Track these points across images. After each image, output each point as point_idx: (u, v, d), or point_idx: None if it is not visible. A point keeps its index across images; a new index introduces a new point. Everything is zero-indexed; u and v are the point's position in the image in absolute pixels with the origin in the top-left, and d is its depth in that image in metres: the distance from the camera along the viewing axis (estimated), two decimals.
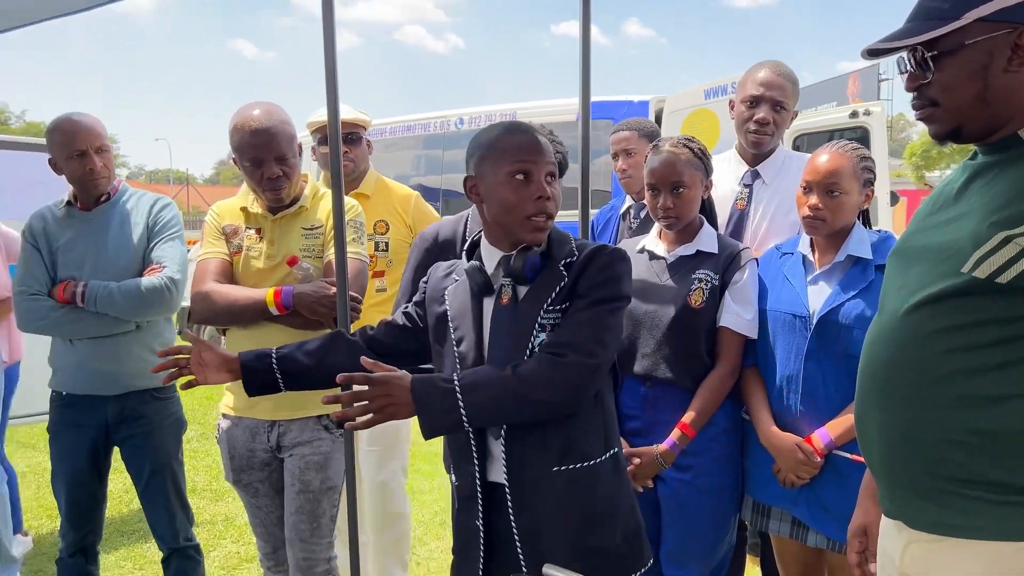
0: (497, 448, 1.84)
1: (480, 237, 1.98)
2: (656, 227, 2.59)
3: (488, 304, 1.91)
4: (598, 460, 1.86)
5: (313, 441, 2.62)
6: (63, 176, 2.98)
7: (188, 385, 2.14)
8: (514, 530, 1.83)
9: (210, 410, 4.11)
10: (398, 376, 1.70)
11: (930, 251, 1.42)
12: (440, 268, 2.08)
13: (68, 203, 3.01)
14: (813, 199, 2.33)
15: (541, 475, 1.82)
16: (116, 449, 3.07)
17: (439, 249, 2.66)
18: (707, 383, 2.44)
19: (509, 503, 1.83)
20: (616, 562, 1.58)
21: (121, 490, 3.15)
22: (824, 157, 2.35)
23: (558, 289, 1.82)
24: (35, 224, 3.00)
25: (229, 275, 2.68)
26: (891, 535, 1.52)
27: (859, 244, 2.33)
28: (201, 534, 3.18)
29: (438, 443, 1.87)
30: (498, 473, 1.85)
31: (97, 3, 3.34)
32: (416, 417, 1.71)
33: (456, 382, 1.69)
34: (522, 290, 1.87)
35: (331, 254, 2.58)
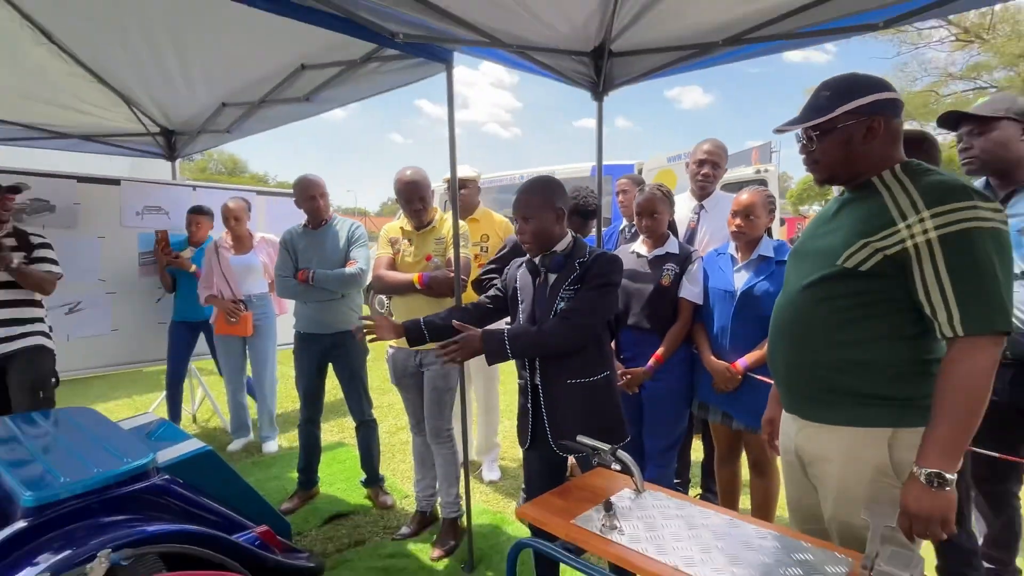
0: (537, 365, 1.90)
1: None
2: (641, 237, 2.54)
3: (536, 280, 1.94)
4: (595, 378, 1.88)
5: (438, 362, 2.62)
6: (301, 210, 3.03)
7: (372, 340, 2.17)
8: (544, 415, 1.89)
9: (379, 344, 4.14)
10: (475, 331, 1.83)
11: (815, 251, 1.39)
12: (515, 263, 2.08)
13: (304, 225, 3.06)
14: (738, 221, 2.29)
15: (561, 383, 1.87)
16: (330, 364, 3.12)
17: (518, 247, 2.64)
18: (671, 331, 2.41)
19: (541, 398, 1.89)
20: (604, 438, 1.59)
21: (332, 387, 3.20)
22: (745, 195, 2.31)
23: (572, 277, 1.86)
24: (286, 237, 3.07)
25: (393, 266, 2.70)
26: (789, 423, 1.49)
27: (766, 248, 2.28)
28: (375, 413, 3.21)
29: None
30: (537, 379, 1.90)
31: (313, 114, 3.39)
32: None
33: (505, 334, 1.81)
34: (552, 276, 1.90)
35: (451, 254, 2.59)
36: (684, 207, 2.91)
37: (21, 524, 1.64)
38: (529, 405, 1.92)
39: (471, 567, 2.46)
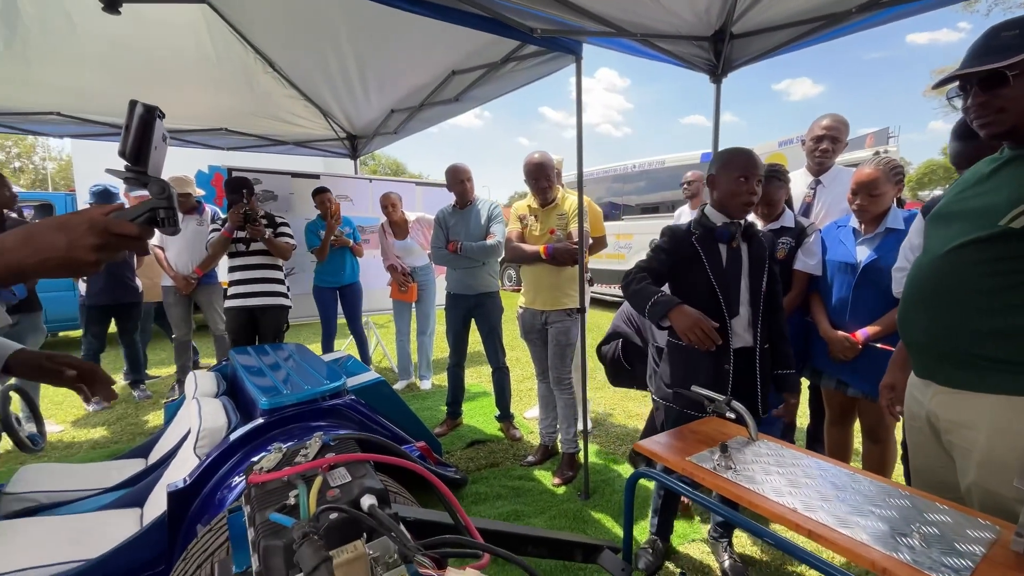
0: (746, 332, 1.70)
1: (705, 210, 1.75)
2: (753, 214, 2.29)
3: (722, 247, 1.69)
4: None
5: (562, 321, 2.60)
6: (452, 193, 3.11)
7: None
8: (757, 368, 1.70)
9: (512, 306, 4.22)
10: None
11: (967, 213, 1.12)
12: (679, 230, 1.77)
13: (454, 206, 3.14)
14: (859, 200, 1.94)
15: (760, 347, 1.70)
16: (472, 319, 3.19)
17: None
18: (785, 299, 2.13)
19: (757, 357, 1.70)
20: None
21: (473, 340, 3.32)
22: (867, 169, 1.93)
23: (767, 252, 1.72)
24: (440, 216, 3.17)
25: (521, 238, 2.70)
26: (920, 388, 1.25)
27: (895, 220, 1.91)
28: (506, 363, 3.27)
29: None
30: (740, 342, 1.69)
31: (461, 112, 3.45)
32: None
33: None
34: (744, 245, 1.70)
35: (572, 227, 2.53)
36: (800, 182, 2.56)
37: (260, 420, 1.92)
38: (730, 368, 1.67)
39: (586, 495, 2.44)
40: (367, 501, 0.70)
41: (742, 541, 2.09)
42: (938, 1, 1.79)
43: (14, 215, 3.06)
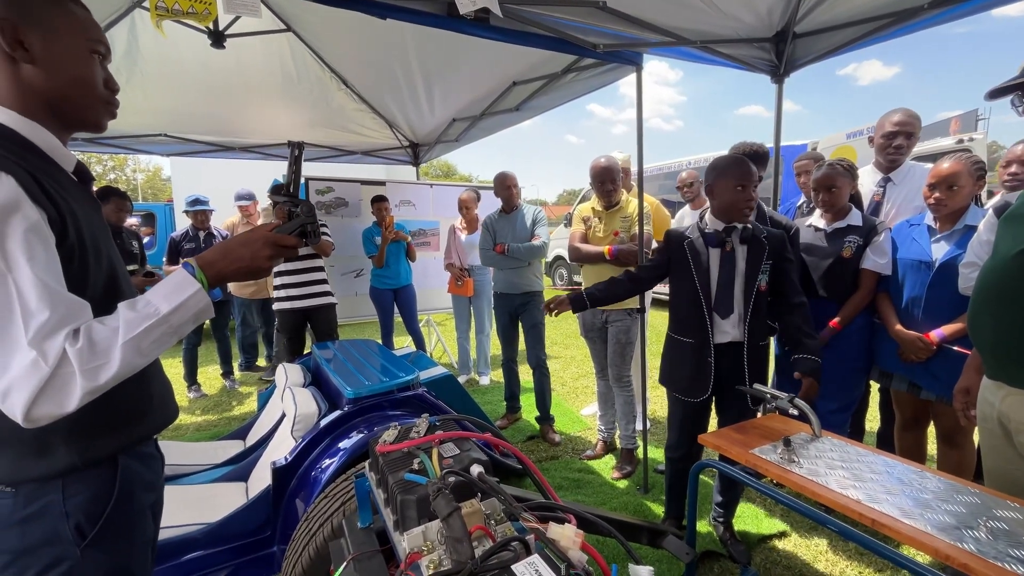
0: (736, 329, 1.82)
1: (705, 216, 1.90)
2: (818, 212, 2.26)
3: (714, 252, 1.83)
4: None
5: (622, 320, 2.66)
6: (499, 199, 3.23)
7: (557, 315, 2.11)
8: (745, 366, 1.82)
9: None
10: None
11: None
12: (674, 233, 1.93)
13: (500, 210, 3.26)
14: (937, 193, 1.90)
15: (748, 343, 1.82)
16: (518, 317, 3.25)
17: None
18: (851, 300, 2.12)
19: (745, 351, 1.83)
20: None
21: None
22: (946, 164, 1.89)
23: (766, 252, 1.79)
24: (487, 220, 3.29)
25: (585, 240, 2.77)
26: (992, 389, 1.26)
27: (974, 217, 1.87)
28: (556, 362, 3.34)
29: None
30: (727, 337, 1.83)
31: (521, 121, 3.57)
32: None
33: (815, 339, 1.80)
34: (738, 246, 1.79)
35: (635, 230, 2.59)
36: (868, 180, 2.48)
37: (347, 408, 2.14)
38: (711, 360, 1.84)
39: (645, 489, 2.52)
40: (476, 469, 0.85)
41: (795, 540, 2.10)
42: None
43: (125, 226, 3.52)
